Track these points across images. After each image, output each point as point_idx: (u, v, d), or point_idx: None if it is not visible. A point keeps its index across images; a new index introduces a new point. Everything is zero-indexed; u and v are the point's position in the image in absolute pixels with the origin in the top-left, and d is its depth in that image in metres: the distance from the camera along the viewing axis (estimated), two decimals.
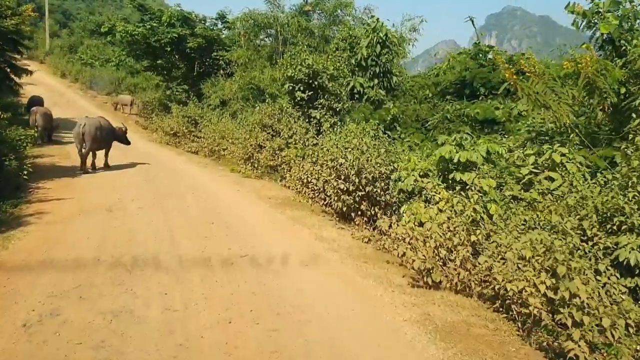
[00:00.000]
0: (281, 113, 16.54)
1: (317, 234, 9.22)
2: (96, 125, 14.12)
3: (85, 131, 13.75)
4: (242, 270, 7.11)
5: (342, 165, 9.96)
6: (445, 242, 7.14)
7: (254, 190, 13.37)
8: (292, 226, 9.75)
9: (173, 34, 24.87)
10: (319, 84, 16.69)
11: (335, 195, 10.09)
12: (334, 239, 9.05)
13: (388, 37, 18.70)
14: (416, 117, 17.96)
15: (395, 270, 7.62)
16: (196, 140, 21.20)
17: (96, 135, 13.96)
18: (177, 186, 13.01)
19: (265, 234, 8.99)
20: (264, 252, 7.92)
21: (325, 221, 10.40)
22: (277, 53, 24.78)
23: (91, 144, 13.92)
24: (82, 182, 12.95)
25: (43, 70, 40.19)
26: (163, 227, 9.05)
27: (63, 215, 9.77)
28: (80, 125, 13.94)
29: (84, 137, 13.75)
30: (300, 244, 8.55)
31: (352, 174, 9.80)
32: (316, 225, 9.92)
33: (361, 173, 9.72)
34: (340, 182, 9.95)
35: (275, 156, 15.73)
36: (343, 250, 8.37)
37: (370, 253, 8.44)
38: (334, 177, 10.15)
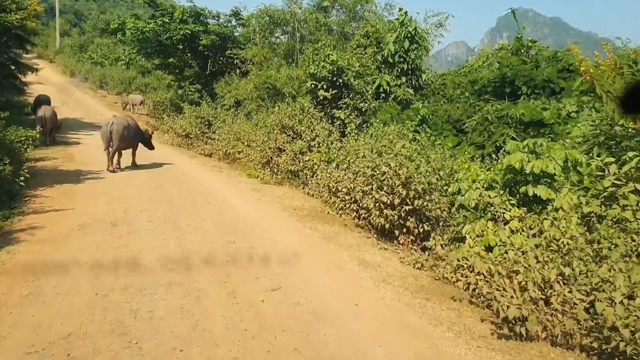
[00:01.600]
0: (302, 113, 14.94)
1: (359, 258, 7.58)
2: (124, 125, 13.44)
3: (112, 130, 13.10)
4: (277, 314, 5.49)
5: (385, 174, 8.31)
6: (536, 276, 5.48)
7: (276, 199, 11.76)
8: (327, 247, 8.11)
9: (185, 30, 23.34)
10: (343, 82, 15.09)
11: (376, 209, 8.44)
12: (379, 264, 7.41)
13: (417, 31, 17.06)
14: (448, 118, 16.30)
15: (468, 310, 5.96)
16: (209, 142, 19.64)
17: (123, 135, 13.32)
18: (191, 194, 11.43)
19: (298, 260, 7.35)
20: (301, 286, 6.30)
21: (363, 239, 8.76)
22: (294, 51, 23.23)
23: (118, 143, 13.26)
24: (85, 190, 11.40)
25: (52, 69, 38.96)
26: (176, 250, 7.45)
27: (59, 231, 8.21)
28: (108, 123, 13.32)
29: (111, 136, 13.09)
30: (342, 274, 6.90)
31: (398, 185, 8.16)
32: (354, 245, 8.28)
33: (409, 184, 8.07)
34: (382, 194, 8.31)
35: (297, 160, 14.12)
36: (396, 281, 6.72)
37: (429, 284, 6.79)
38: (374, 187, 8.50)
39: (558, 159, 7.41)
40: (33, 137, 14.36)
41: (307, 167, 13.66)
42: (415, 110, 16.49)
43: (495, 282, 5.92)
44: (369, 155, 9.37)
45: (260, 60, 22.86)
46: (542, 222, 6.25)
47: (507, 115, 13.54)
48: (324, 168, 12.85)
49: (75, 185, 11.71)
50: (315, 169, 13.25)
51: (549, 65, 14.93)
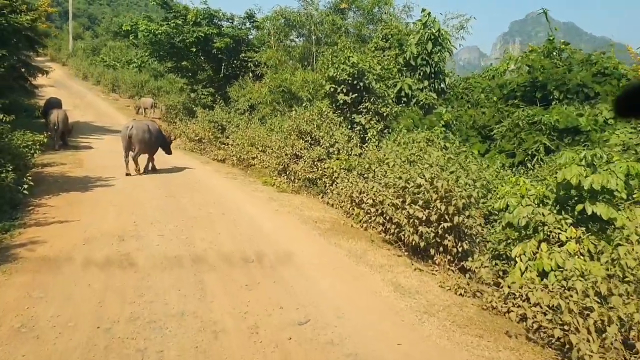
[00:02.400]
0: (321, 118, 14.11)
1: (394, 282, 6.71)
2: (144, 129, 13.07)
3: (132, 133, 12.72)
4: (308, 357, 4.64)
5: (420, 186, 7.44)
6: (617, 315, 4.58)
7: (295, 210, 10.92)
8: (357, 268, 7.24)
9: (199, 33, 22.62)
10: (364, 86, 14.25)
11: (409, 225, 7.56)
12: (417, 289, 6.53)
13: (440, 33, 16.18)
14: (473, 123, 15.38)
15: (529, 351, 5.07)
16: (223, 147, 18.88)
17: (143, 138, 12.95)
18: (205, 204, 10.63)
19: (325, 284, 6.50)
20: (333, 319, 5.44)
21: (394, 258, 7.88)
22: (310, 54, 22.44)
23: (139, 147, 12.91)
24: (93, 198, 10.64)
25: (65, 72, 38.56)
26: (190, 270, 6.62)
27: (62, 246, 7.43)
28: (127, 127, 12.96)
29: (130, 140, 12.72)
30: (378, 304, 6.02)
31: (435, 199, 7.28)
32: (386, 266, 7.41)
33: (449, 198, 7.18)
34: (417, 209, 7.43)
35: (315, 168, 13.29)
36: (440, 312, 5.84)
37: (477, 316, 5.90)
38: (408, 201, 7.63)
39: (619, 173, 6.50)
40: (41, 141, 13.70)
41: (325, 175, 12.84)
42: (438, 115, 15.59)
43: (559, 317, 5.05)
44: (399, 164, 8.50)
45: (275, 63, 22.10)
46: (616, 248, 5.33)
47: (540, 121, 12.60)
48: (345, 176, 12.04)
49: (82, 194, 10.96)
50: (334, 177, 12.43)
51: (582, 68, 13.97)
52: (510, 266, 7.50)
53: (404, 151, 9.83)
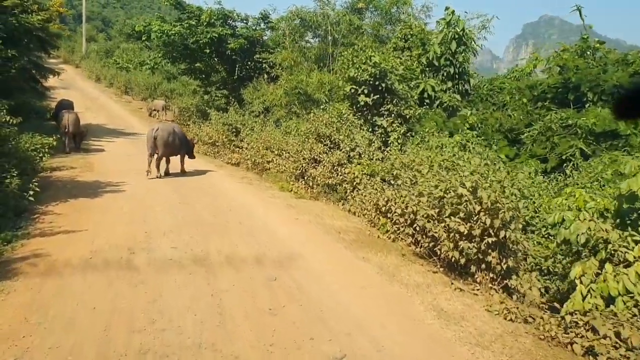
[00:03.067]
0: (340, 121, 13.37)
1: (435, 306, 5.92)
2: (169, 131, 12.94)
3: (157, 135, 12.57)
4: None
5: (462, 197, 6.64)
6: None
7: (315, 218, 10.18)
8: (391, 287, 6.46)
9: (213, 34, 21.97)
10: (386, 87, 13.48)
11: (449, 240, 6.77)
12: (462, 315, 5.73)
13: (465, 32, 15.36)
14: (499, 126, 14.56)
15: None
16: (237, 150, 18.20)
17: (168, 141, 12.80)
18: (220, 212, 9.93)
19: (358, 308, 5.73)
20: (373, 354, 4.67)
21: (430, 276, 7.09)
22: (326, 55, 21.71)
23: (163, 149, 12.73)
24: (103, 205, 9.97)
25: (78, 74, 38.23)
26: (205, 291, 5.88)
27: (66, 260, 6.74)
28: (153, 129, 12.84)
29: (155, 142, 12.57)
30: (422, 333, 5.22)
31: (479, 211, 6.49)
32: (422, 285, 6.62)
33: (496, 211, 6.39)
34: (458, 223, 6.64)
35: (335, 173, 12.55)
36: (493, 343, 5.05)
37: (535, 348, 5.09)
38: (448, 213, 6.84)
39: None
40: (50, 144, 13.09)
41: (346, 181, 12.10)
42: (462, 118, 14.80)
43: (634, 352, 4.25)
44: (434, 171, 7.73)
45: (291, 64, 21.40)
46: None
47: (575, 124, 11.75)
48: (367, 182, 11.29)
49: (91, 200, 10.30)
50: (356, 183, 11.69)
51: (618, 69, 13.08)
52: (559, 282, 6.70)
53: (436, 157, 9.02)
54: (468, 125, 14.61)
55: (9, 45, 17.08)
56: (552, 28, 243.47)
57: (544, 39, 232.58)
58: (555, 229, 6.09)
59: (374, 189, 10.52)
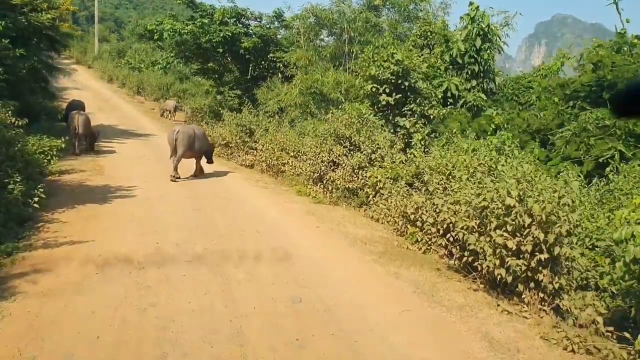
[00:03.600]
0: (361, 121, 12.61)
1: (483, 332, 5.16)
2: (189, 133, 12.65)
3: (177, 137, 12.32)
4: None
5: (510, 208, 5.85)
6: None
7: (337, 226, 9.45)
8: (431, 310, 5.70)
9: (226, 32, 21.28)
10: (409, 85, 12.69)
11: (495, 257, 5.99)
12: (517, 345, 4.96)
13: (490, 28, 14.53)
14: (527, 127, 13.71)
15: None
16: (251, 152, 17.52)
17: (188, 143, 12.51)
18: (236, 219, 9.23)
19: (398, 337, 4.98)
20: None
21: (472, 294, 6.32)
22: (342, 53, 20.94)
23: (183, 151, 12.43)
24: (112, 212, 9.32)
25: (90, 74, 37.87)
26: (223, 316, 5.17)
27: (70, 277, 6.08)
28: (174, 131, 12.61)
29: (176, 144, 12.32)
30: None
31: (530, 224, 5.70)
32: (465, 307, 5.85)
33: (551, 225, 5.60)
34: (505, 237, 5.85)
35: (355, 176, 11.80)
36: None
37: None
38: (493, 226, 6.05)
39: None
40: (58, 146, 12.51)
41: (368, 185, 11.34)
42: (488, 118, 13.97)
43: None
44: (474, 178, 6.95)
45: (305, 63, 20.66)
46: None
47: (613, 125, 10.88)
48: (391, 187, 10.53)
49: (100, 206, 9.65)
50: (378, 188, 10.92)
51: None
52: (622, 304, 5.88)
53: (471, 161, 8.23)
54: (494, 125, 13.80)
55: (18, 44, 16.56)
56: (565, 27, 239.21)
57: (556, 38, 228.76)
58: (622, 246, 5.28)
59: (400, 195, 9.76)
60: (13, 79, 16.51)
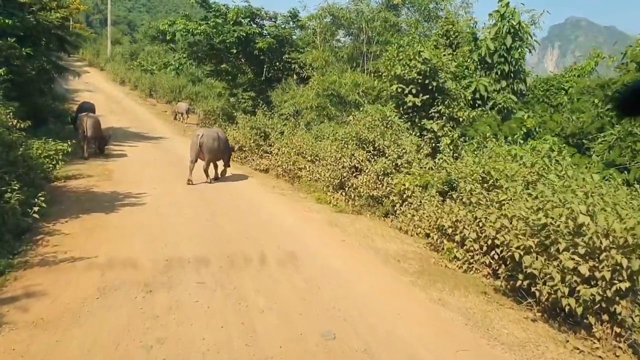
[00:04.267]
0: (385, 124, 11.69)
1: None
2: (213, 137, 12.35)
3: (202, 142, 11.96)
4: None
5: (582, 227, 4.90)
6: None
7: (364, 239, 8.54)
8: (490, 350, 4.75)
9: (240, 32, 20.46)
10: (437, 86, 11.75)
11: (564, 285, 5.02)
12: None
13: (521, 26, 13.53)
14: (561, 130, 12.69)
15: None
16: (265, 156, 16.67)
17: (213, 147, 12.23)
18: (254, 232, 8.35)
19: None
20: None
21: (531, 327, 5.36)
22: (360, 54, 20.04)
23: (208, 155, 12.16)
24: (119, 223, 8.49)
25: (103, 77, 37.35)
26: (244, 354, 4.28)
27: (66, 302, 5.24)
28: (198, 135, 12.20)
29: (201, 148, 11.96)
30: None
31: (607, 247, 4.74)
32: (528, 343, 4.90)
33: (635, 248, 4.63)
34: (578, 261, 4.89)
35: (380, 183, 10.88)
36: None
37: None
38: (562, 247, 5.08)
39: None
40: (64, 150, 11.74)
41: (394, 193, 10.41)
42: (518, 121, 12.96)
43: None
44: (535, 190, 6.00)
45: (322, 64, 19.78)
46: None
47: None
48: (421, 195, 9.62)
49: (106, 216, 8.82)
50: (406, 196, 10.00)
51: None
52: None
53: (519, 169, 7.27)
54: (525, 129, 12.80)
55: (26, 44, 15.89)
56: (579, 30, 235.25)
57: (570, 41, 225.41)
58: None
59: (433, 205, 8.83)
60: (21, 80, 15.86)
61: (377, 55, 19.50)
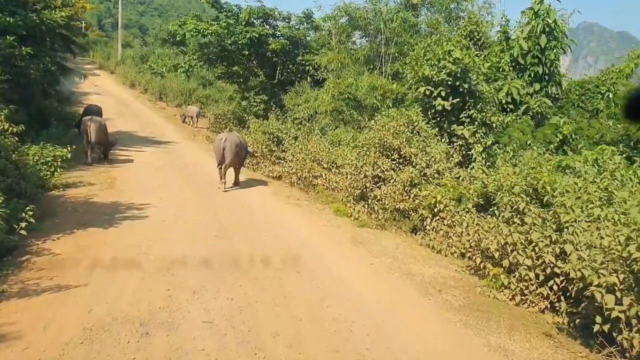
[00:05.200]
0: (412, 130, 10.60)
1: None
2: (236, 142, 12.03)
3: (226, 146, 11.57)
4: None
5: None
6: None
7: (396, 262, 7.42)
8: None
9: (252, 33, 19.47)
10: (468, 88, 10.62)
11: None
12: None
13: (557, 24, 12.37)
14: (600, 137, 11.53)
15: None
16: (278, 162, 15.62)
17: (236, 151, 11.87)
18: (269, 253, 7.26)
19: None
20: None
21: None
22: (377, 56, 18.96)
23: (231, 160, 11.75)
24: (116, 240, 7.45)
25: (113, 80, 36.58)
26: None
27: (41, 351, 4.18)
28: (221, 139, 11.82)
29: (224, 152, 11.54)
30: None
31: None
32: None
33: None
34: None
35: (407, 195, 9.76)
36: None
37: None
38: None
39: None
40: (63, 156, 10.78)
41: (422, 206, 9.29)
42: (553, 127, 11.79)
43: None
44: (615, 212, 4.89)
45: (337, 67, 18.72)
46: None
47: None
48: (455, 210, 8.51)
49: (104, 231, 7.78)
50: (437, 210, 8.87)
51: None
52: None
53: (586, 186, 6.11)
54: (561, 136, 11.64)
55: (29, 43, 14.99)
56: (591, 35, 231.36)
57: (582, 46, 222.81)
58: None
59: (472, 222, 7.72)
60: (24, 82, 14.97)
61: (395, 57, 18.44)
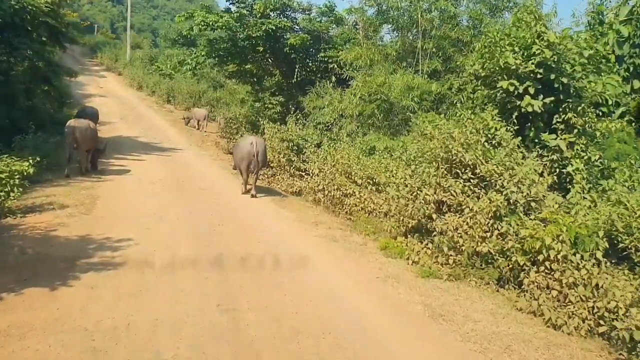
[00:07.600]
0: (490, 139, 7.55)
1: None
2: (265, 146, 11.19)
3: (258, 151, 10.51)
4: None
5: None
6: None
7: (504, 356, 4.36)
8: None
9: (269, 25, 16.47)
10: (564, 84, 7.53)
11: None
12: None
13: None
14: None
15: None
16: (298, 174, 12.66)
17: (265, 157, 11.05)
18: (302, 339, 4.24)
19: None
20: None
21: None
22: (411, 52, 15.93)
23: (261, 166, 10.86)
24: (72, 313, 4.49)
25: (119, 82, 33.86)
26: None
27: None
28: (252, 144, 10.60)
29: (257, 159, 10.50)
30: None
31: None
32: None
33: None
34: None
35: (491, 234, 6.65)
36: None
37: None
38: None
39: None
40: (23, 171, 7.87)
41: (516, 249, 6.27)
42: None
43: None
44: None
45: (366, 64, 15.66)
46: None
47: None
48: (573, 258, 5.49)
49: (53, 295, 4.87)
50: (543, 259, 5.83)
51: None
52: None
53: None
54: None
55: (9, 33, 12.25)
56: None
57: None
58: None
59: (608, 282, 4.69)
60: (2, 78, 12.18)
61: (432, 53, 15.45)
